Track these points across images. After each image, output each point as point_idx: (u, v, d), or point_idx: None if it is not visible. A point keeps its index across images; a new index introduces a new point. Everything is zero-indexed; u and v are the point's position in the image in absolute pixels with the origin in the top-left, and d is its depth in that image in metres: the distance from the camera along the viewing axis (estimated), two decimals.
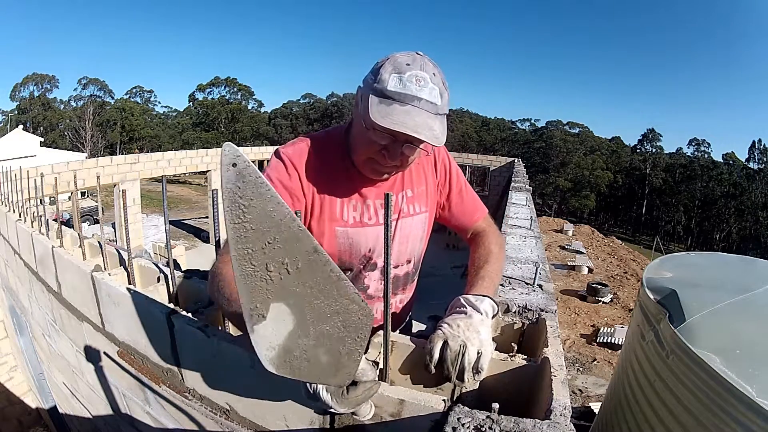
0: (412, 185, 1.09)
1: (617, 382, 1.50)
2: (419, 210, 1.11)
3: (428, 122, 0.84)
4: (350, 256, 1.04)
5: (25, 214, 2.11)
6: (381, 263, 1.06)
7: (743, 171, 38.28)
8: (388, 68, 0.85)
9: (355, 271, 1.07)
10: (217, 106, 44.05)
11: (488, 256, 1.03)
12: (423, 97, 0.84)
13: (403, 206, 1.08)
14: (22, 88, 40.62)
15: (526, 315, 1.26)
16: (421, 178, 1.11)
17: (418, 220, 1.12)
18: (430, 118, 0.85)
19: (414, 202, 1.10)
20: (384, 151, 0.90)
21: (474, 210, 1.16)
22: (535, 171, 38.54)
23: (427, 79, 0.85)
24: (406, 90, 0.83)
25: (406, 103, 0.83)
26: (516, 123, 48.40)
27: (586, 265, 10.08)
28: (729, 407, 0.92)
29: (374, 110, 0.84)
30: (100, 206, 1.51)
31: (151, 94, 47.53)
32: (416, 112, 0.84)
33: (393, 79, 0.84)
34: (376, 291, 1.10)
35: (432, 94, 0.85)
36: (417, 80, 0.84)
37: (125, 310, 1.19)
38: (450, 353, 0.78)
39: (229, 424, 1.00)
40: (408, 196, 1.08)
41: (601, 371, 5.99)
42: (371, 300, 1.12)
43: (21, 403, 3.45)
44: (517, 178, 7.36)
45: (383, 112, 0.83)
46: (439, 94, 0.86)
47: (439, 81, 0.87)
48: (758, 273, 1.43)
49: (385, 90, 0.84)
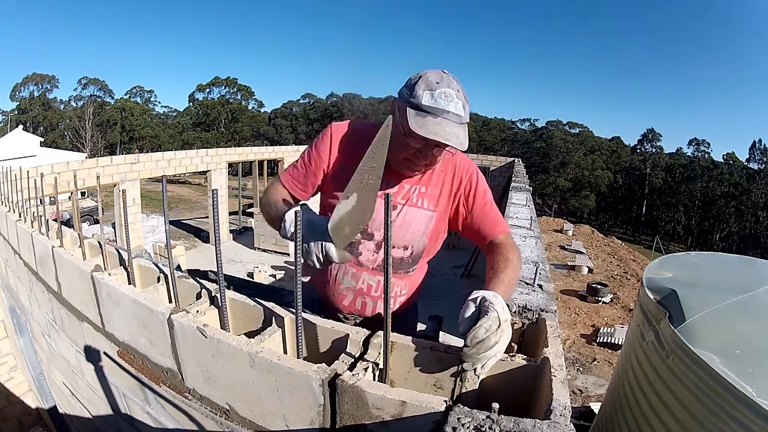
0: (428, 184, 1.22)
1: (617, 382, 1.50)
2: (427, 207, 1.22)
3: (455, 131, 1.03)
4: None
5: (25, 214, 2.11)
6: (378, 236, 1.20)
7: (743, 171, 38.27)
8: (422, 86, 1.04)
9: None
10: (217, 106, 44.05)
11: (507, 264, 1.08)
12: (451, 110, 1.02)
13: (413, 197, 1.21)
14: (22, 88, 40.63)
15: (526, 315, 1.26)
16: (438, 182, 1.23)
17: (424, 214, 1.22)
18: (456, 127, 1.04)
19: (424, 198, 1.22)
20: (418, 153, 1.09)
21: (495, 224, 1.22)
22: (535, 171, 38.55)
23: (453, 95, 1.03)
24: (437, 105, 1.02)
25: (438, 115, 1.02)
26: (516, 123, 48.38)
27: (586, 265, 10.08)
28: (729, 407, 0.92)
29: (412, 121, 1.02)
30: (100, 206, 1.51)
31: (151, 94, 47.56)
32: (446, 123, 1.02)
33: (426, 95, 1.02)
34: (367, 261, 1.21)
35: (457, 108, 1.04)
36: (445, 96, 1.02)
37: (125, 310, 1.19)
38: (493, 337, 0.79)
39: (229, 424, 1.00)
40: (421, 191, 1.21)
41: (601, 371, 5.99)
42: (361, 268, 1.22)
43: (21, 403, 3.44)
44: (517, 178, 7.36)
45: (420, 123, 1.02)
46: (462, 107, 1.05)
47: (462, 96, 1.06)
48: (758, 273, 1.43)
49: (421, 104, 1.02)
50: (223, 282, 1.04)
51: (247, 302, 1.11)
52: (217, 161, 10.19)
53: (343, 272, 1.23)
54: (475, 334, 0.78)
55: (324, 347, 1.00)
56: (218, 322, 1.08)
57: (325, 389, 0.80)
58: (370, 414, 0.77)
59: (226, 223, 11.46)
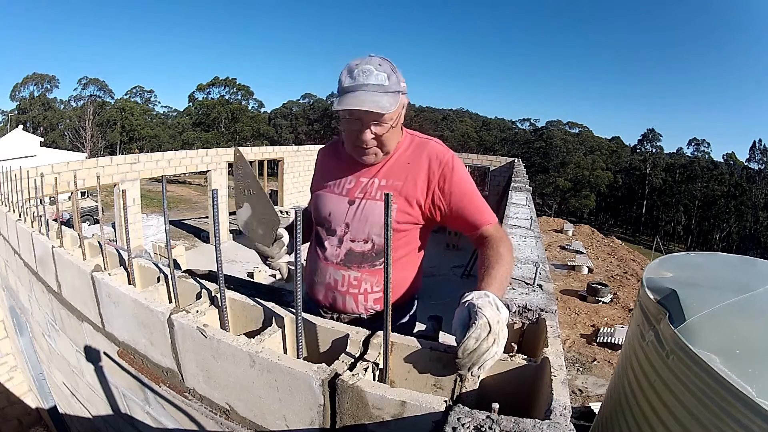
0: (389, 177, 1.21)
1: (617, 382, 1.50)
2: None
3: (374, 98, 1.06)
4: (318, 214, 1.29)
5: (25, 214, 2.11)
6: (339, 232, 1.24)
7: (743, 171, 38.26)
8: (344, 72, 1.10)
9: (319, 231, 1.29)
10: (217, 106, 44.01)
11: (499, 259, 1.05)
12: (370, 82, 1.06)
13: (371, 190, 1.21)
14: (22, 88, 40.62)
15: (526, 315, 1.26)
16: (401, 174, 1.21)
17: (382, 206, 1.19)
18: (377, 95, 1.07)
19: (384, 191, 1.20)
20: (358, 135, 1.13)
21: (480, 215, 1.18)
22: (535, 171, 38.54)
23: (372, 69, 1.07)
24: (355, 81, 1.07)
25: (356, 90, 1.07)
26: (516, 123, 48.39)
27: (586, 265, 10.08)
28: (729, 407, 0.92)
29: (335, 103, 1.09)
30: (100, 206, 1.51)
31: (151, 94, 47.59)
32: (363, 94, 1.06)
33: (346, 78, 1.09)
34: (330, 255, 1.25)
35: (378, 78, 1.07)
36: (363, 72, 1.07)
37: (125, 310, 1.19)
38: (485, 344, 0.78)
39: (229, 424, 1.00)
40: (381, 184, 1.22)
41: (601, 371, 5.99)
42: (327, 263, 1.25)
43: (21, 403, 3.44)
44: (517, 178, 7.36)
45: (338, 102, 1.09)
46: (386, 77, 1.08)
47: (385, 68, 1.09)
48: (758, 273, 1.43)
49: (342, 87, 1.09)
50: (223, 282, 1.04)
51: (247, 302, 1.11)
52: (217, 161, 10.18)
53: (315, 267, 1.28)
54: (465, 347, 0.77)
55: (324, 347, 1.00)
56: (218, 322, 1.08)
57: (325, 389, 0.80)
58: (370, 414, 0.77)
59: (226, 223, 11.45)
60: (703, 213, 38.22)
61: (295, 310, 0.90)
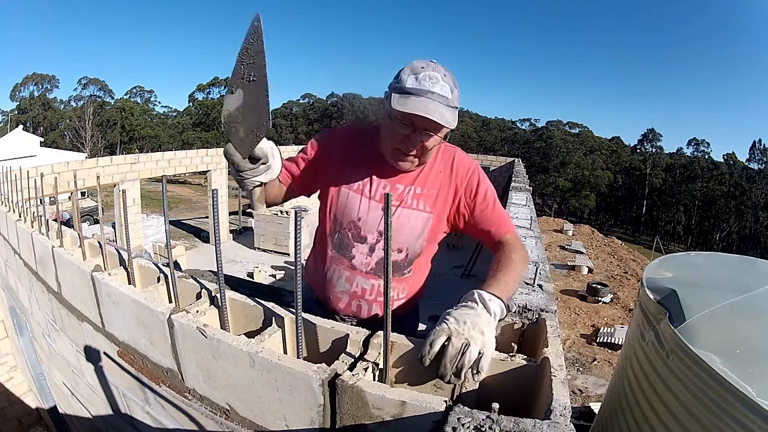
0: (424, 185, 1.20)
1: (617, 382, 1.50)
2: (423, 208, 1.20)
3: (440, 109, 1.01)
4: (342, 215, 1.21)
5: (25, 214, 2.11)
6: (371, 239, 1.19)
7: (743, 171, 38.26)
8: (407, 71, 1.05)
9: (342, 235, 1.21)
10: (217, 106, 43.96)
11: (509, 264, 1.05)
12: (435, 91, 1.01)
13: (407, 198, 1.19)
14: (22, 88, 40.63)
15: (526, 315, 1.26)
16: (435, 183, 1.20)
17: (420, 216, 1.19)
18: (441, 107, 1.02)
19: (420, 199, 1.19)
20: (406, 140, 1.07)
21: (500, 226, 1.19)
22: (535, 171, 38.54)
23: (438, 77, 1.03)
24: (421, 86, 1.02)
25: (421, 95, 1.01)
26: (516, 123, 48.38)
27: (586, 265, 10.08)
28: (729, 407, 0.92)
29: (396, 102, 1.02)
30: (100, 206, 1.51)
31: (151, 94, 47.57)
32: (429, 102, 1.01)
33: (410, 78, 1.03)
34: (360, 264, 1.20)
35: (443, 90, 1.03)
36: (430, 78, 1.02)
37: (125, 310, 1.19)
38: (451, 350, 0.78)
39: (229, 424, 1.00)
40: (416, 192, 1.19)
41: (601, 371, 5.99)
42: (354, 271, 1.21)
43: (21, 403, 3.44)
44: (517, 178, 7.35)
45: (402, 103, 1.01)
46: (449, 90, 1.04)
47: (449, 80, 1.05)
48: (758, 273, 1.43)
49: (404, 87, 1.03)
50: (223, 282, 1.04)
51: (247, 302, 1.11)
52: (217, 161, 10.18)
53: (338, 275, 1.22)
54: (442, 373, 0.78)
55: (324, 347, 1.00)
56: (218, 322, 1.08)
57: (325, 389, 0.80)
58: (370, 414, 0.77)
59: (226, 223, 11.45)
60: (703, 213, 38.23)
61: (295, 310, 0.90)
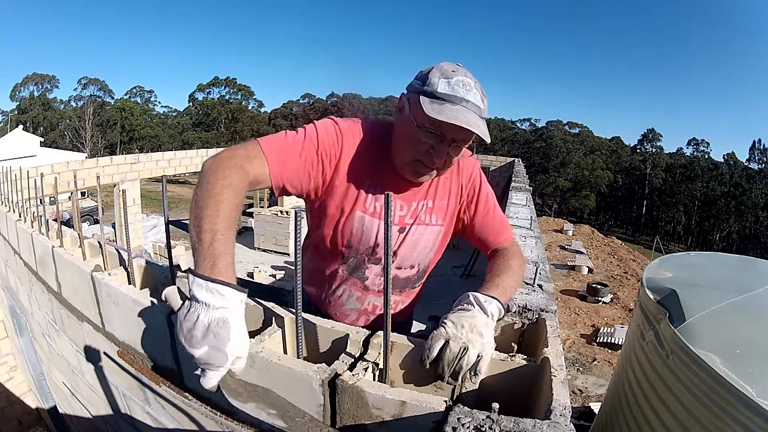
0: (435, 197, 1.14)
1: (617, 382, 1.50)
2: (435, 222, 1.15)
3: (477, 121, 0.92)
4: (359, 242, 1.09)
5: (25, 214, 2.11)
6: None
7: (743, 171, 38.26)
8: (436, 74, 0.94)
9: (358, 260, 1.12)
10: (217, 106, 44.07)
11: (507, 270, 1.03)
12: (470, 100, 0.92)
13: (421, 214, 1.12)
14: (22, 88, 40.66)
15: (526, 315, 1.26)
16: (445, 192, 1.15)
17: (432, 230, 1.15)
18: (478, 118, 0.93)
19: (432, 213, 1.14)
20: (431, 150, 0.97)
21: (499, 233, 1.17)
22: (535, 171, 38.54)
23: (472, 84, 0.94)
24: (455, 92, 0.91)
25: (456, 103, 0.91)
26: (516, 123, 48.44)
27: (586, 265, 10.08)
28: (729, 407, 0.92)
29: (428, 108, 0.90)
30: (100, 206, 1.51)
31: (151, 94, 47.65)
32: (467, 111, 0.91)
33: (442, 83, 0.92)
34: (372, 284, 1.16)
35: (476, 98, 0.93)
36: (463, 85, 0.92)
37: (125, 310, 1.19)
38: (449, 353, 0.78)
39: (229, 424, 1.00)
40: (428, 206, 1.13)
41: (601, 371, 5.99)
42: (366, 291, 1.16)
43: (21, 403, 3.44)
44: (517, 178, 7.35)
45: (437, 110, 0.90)
46: (481, 99, 0.95)
47: (480, 88, 0.96)
48: (758, 273, 1.44)
49: (436, 92, 0.92)
50: None
51: (247, 302, 1.11)
52: None
53: (349, 295, 1.18)
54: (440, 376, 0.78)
55: (324, 347, 1.00)
56: None
57: (325, 389, 0.80)
58: (370, 414, 0.77)
59: None
60: (703, 213, 38.23)
61: (295, 310, 0.90)
